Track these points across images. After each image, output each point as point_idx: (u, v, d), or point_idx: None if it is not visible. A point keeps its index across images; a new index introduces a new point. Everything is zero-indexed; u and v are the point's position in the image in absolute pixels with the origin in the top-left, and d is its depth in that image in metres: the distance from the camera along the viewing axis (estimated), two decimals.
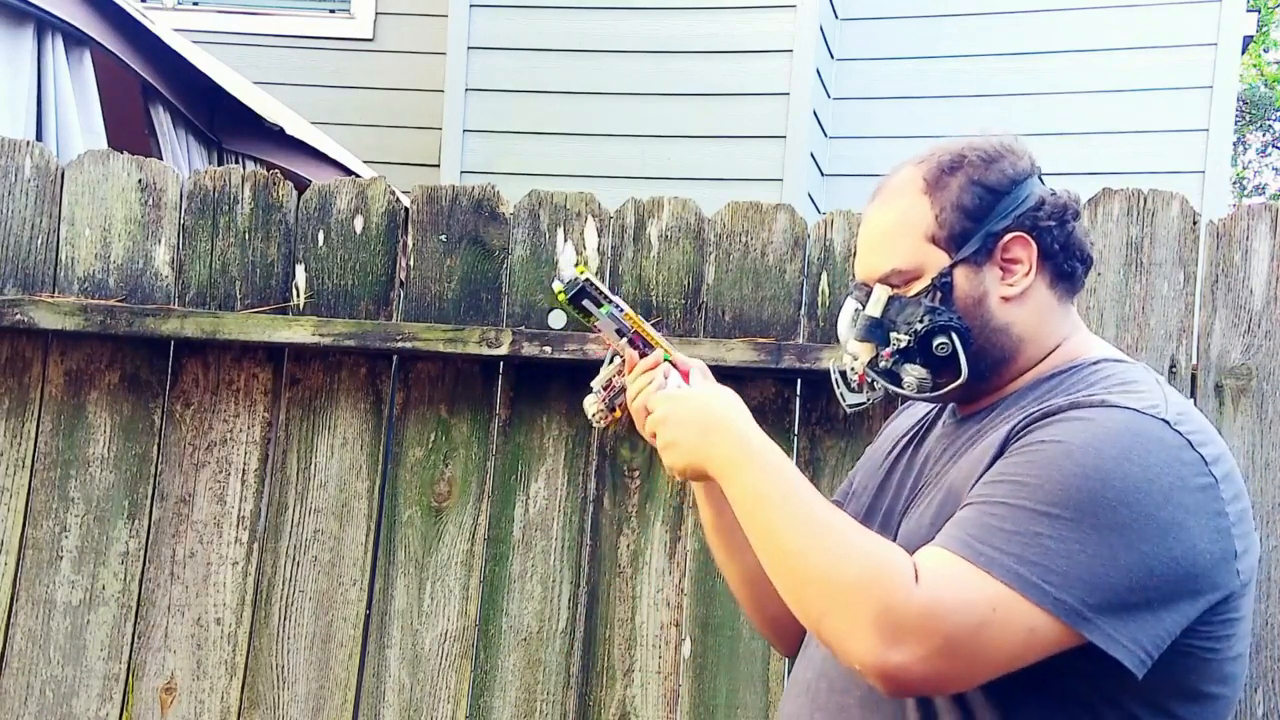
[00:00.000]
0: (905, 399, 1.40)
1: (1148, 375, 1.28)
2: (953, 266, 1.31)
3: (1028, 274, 1.31)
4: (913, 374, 1.33)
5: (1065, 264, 1.33)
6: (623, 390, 1.48)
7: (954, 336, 1.30)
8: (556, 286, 1.43)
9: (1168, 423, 1.17)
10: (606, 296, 1.42)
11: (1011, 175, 1.32)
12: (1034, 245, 1.31)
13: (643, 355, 1.45)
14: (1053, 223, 1.31)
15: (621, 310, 1.43)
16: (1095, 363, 1.31)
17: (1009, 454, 1.20)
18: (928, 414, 1.47)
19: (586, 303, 1.42)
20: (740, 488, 1.26)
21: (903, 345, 1.32)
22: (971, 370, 1.31)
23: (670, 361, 1.45)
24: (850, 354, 1.38)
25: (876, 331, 1.34)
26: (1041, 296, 1.33)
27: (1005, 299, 1.31)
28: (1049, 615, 1.12)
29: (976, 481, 1.22)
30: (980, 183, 1.31)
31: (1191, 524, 1.14)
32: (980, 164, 1.32)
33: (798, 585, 1.19)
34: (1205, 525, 1.15)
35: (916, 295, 1.32)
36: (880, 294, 1.34)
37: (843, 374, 1.43)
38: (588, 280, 1.41)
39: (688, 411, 1.33)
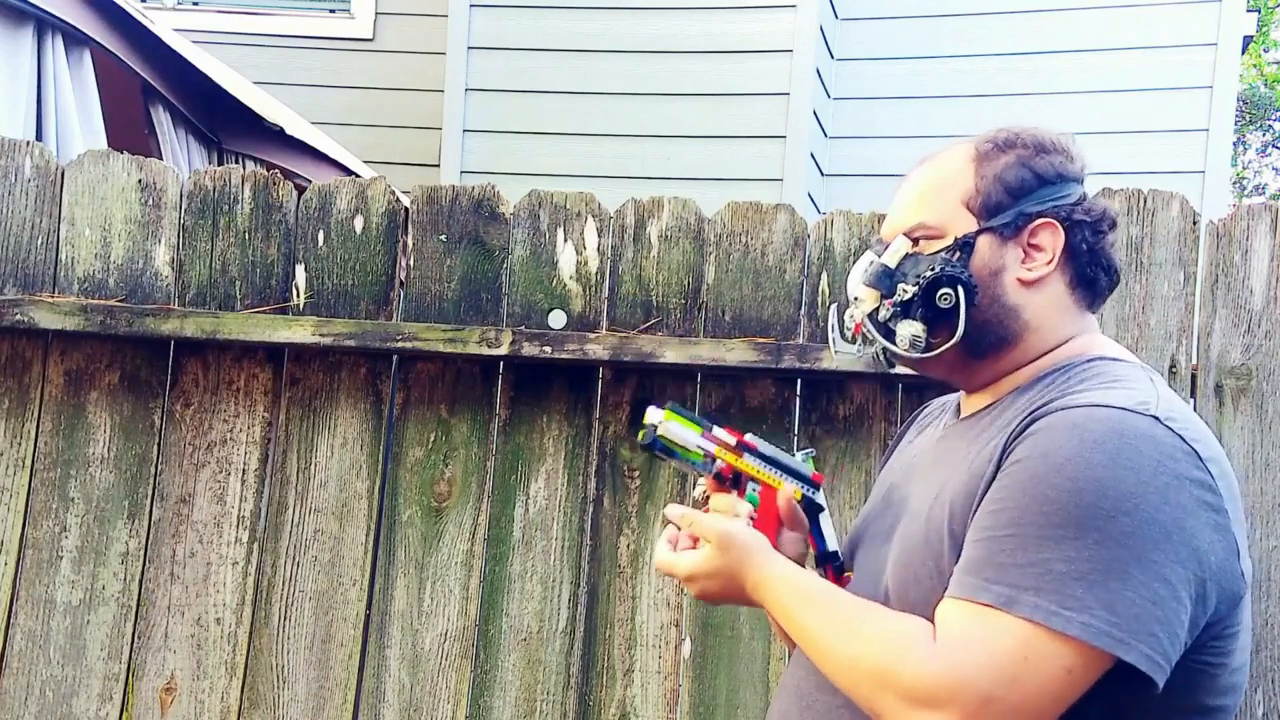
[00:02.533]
0: (894, 359, 1.38)
1: (1141, 373, 1.26)
2: (979, 232, 1.30)
3: (1049, 263, 1.30)
4: (908, 329, 1.31)
5: (1089, 268, 1.32)
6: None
7: (960, 290, 1.28)
8: (646, 422, 1.39)
9: (1157, 419, 1.14)
10: (684, 446, 1.38)
11: (1059, 169, 1.32)
12: (1062, 236, 1.30)
13: (727, 486, 1.41)
14: (1086, 220, 1.31)
15: (711, 449, 1.39)
16: (1090, 360, 1.29)
17: (1003, 473, 1.18)
18: (936, 431, 1.45)
19: (659, 453, 1.39)
20: (770, 607, 1.31)
21: (907, 296, 1.31)
22: (969, 337, 1.29)
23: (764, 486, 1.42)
24: (853, 298, 1.37)
25: (885, 280, 1.33)
26: (1058, 292, 1.32)
27: (1022, 281, 1.30)
28: (1081, 644, 1.08)
29: (977, 504, 1.19)
30: (1028, 165, 1.31)
31: (1191, 522, 1.11)
32: (1033, 149, 1.32)
33: (838, 679, 1.22)
34: (1205, 522, 1.12)
35: (935, 253, 1.31)
36: (900, 244, 1.34)
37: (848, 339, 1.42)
38: (660, 437, 1.38)
39: (710, 569, 1.34)
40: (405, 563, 2.25)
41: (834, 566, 1.47)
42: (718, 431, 1.40)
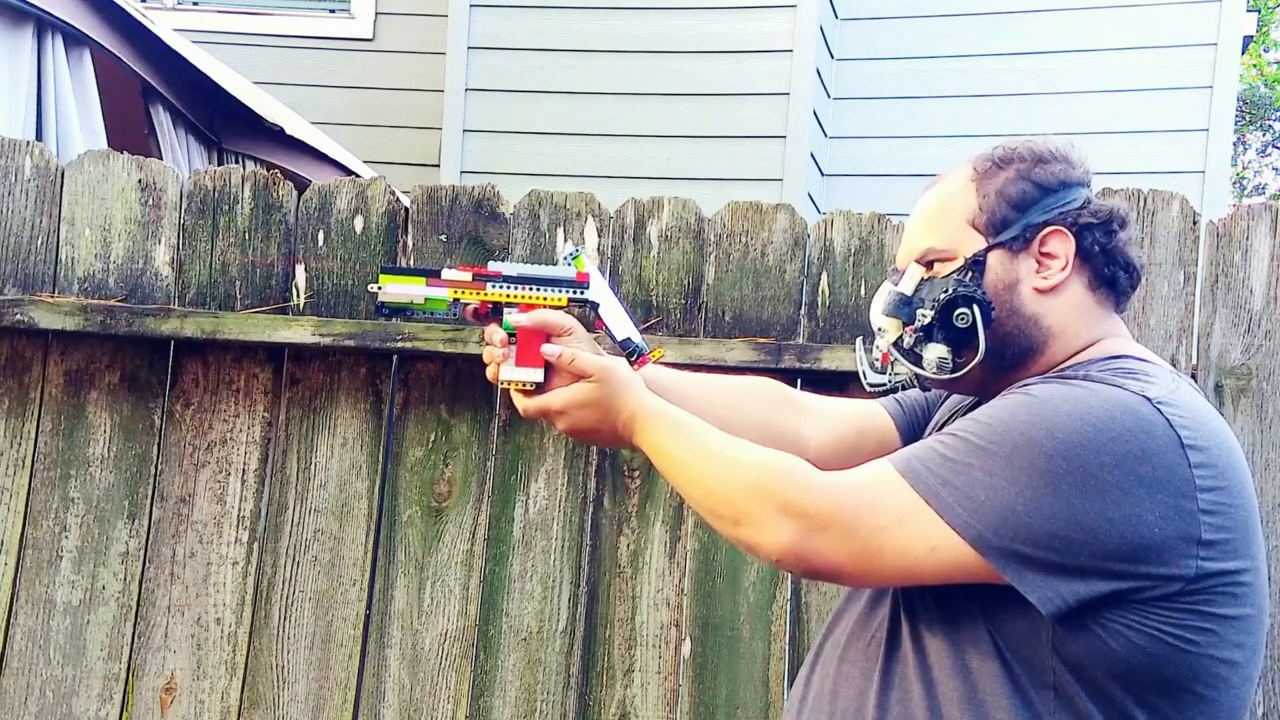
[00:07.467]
0: (925, 383, 1.40)
1: (1165, 373, 1.26)
2: (988, 250, 1.33)
3: (1063, 269, 1.32)
4: (933, 352, 1.34)
5: (1106, 268, 1.34)
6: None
7: (975, 308, 1.31)
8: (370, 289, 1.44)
9: (1149, 399, 1.16)
10: (413, 301, 1.42)
11: (1061, 177, 1.34)
12: (1072, 241, 1.32)
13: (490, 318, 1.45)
14: (1094, 221, 1.32)
15: (444, 293, 1.43)
16: (1115, 358, 1.30)
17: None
18: None
19: (394, 317, 1.44)
20: (640, 438, 1.37)
21: (927, 321, 1.34)
22: (993, 352, 1.32)
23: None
24: (877, 329, 1.41)
25: (904, 308, 1.36)
26: (1077, 295, 1.33)
27: (1038, 290, 1.32)
28: (956, 536, 1.16)
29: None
30: (1028, 177, 1.33)
31: (1142, 495, 1.13)
32: (1032, 160, 1.34)
33: (704, 496, 1.29)
34: (1161, 502, 1.13)
35: (949, 275, 1.34)
36: (914, 272, 1.37)
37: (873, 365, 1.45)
38: (384, 303, 1.43)
39: (585, 399, 1.38)
40: (405, 563, 2.25)
41: (630, 353, 1.49)
42: (449, 273, 1.43)
